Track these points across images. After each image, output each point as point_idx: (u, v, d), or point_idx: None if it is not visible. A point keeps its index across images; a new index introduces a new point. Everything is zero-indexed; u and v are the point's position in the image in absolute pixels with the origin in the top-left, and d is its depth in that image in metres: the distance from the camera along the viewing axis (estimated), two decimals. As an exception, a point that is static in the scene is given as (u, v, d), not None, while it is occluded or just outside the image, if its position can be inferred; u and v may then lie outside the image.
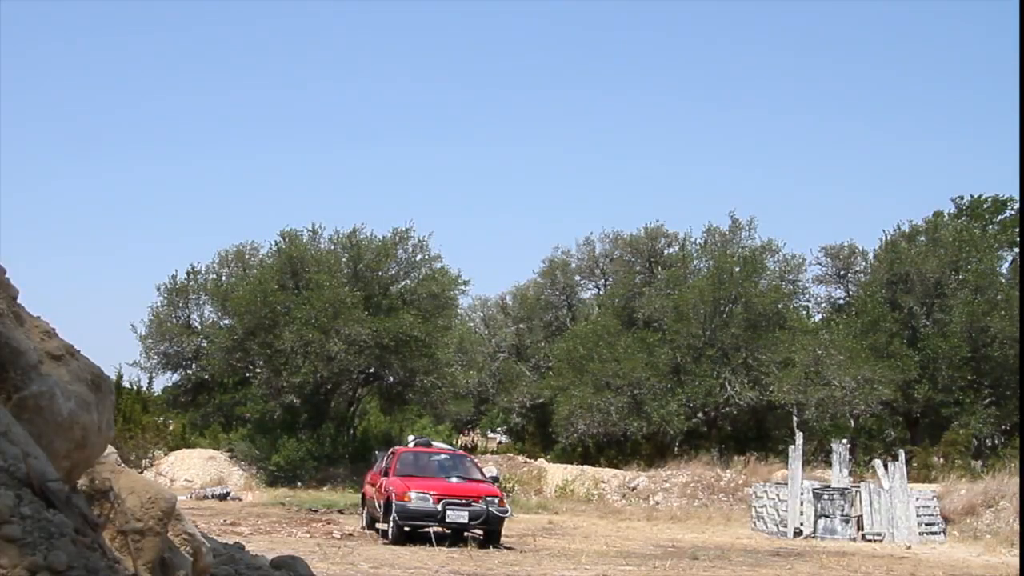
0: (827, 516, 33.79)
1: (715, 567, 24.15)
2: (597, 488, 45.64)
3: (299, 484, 46.00)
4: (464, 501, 27.44)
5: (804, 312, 58.41)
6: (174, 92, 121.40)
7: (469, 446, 62.24)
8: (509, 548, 26.39)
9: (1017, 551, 29.59)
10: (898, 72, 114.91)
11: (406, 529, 27.21)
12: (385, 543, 26.59)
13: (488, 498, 27.62)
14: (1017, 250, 55.86)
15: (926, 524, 33.59)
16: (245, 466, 48.87)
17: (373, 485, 30.43)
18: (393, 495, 27.39)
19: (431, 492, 27.37)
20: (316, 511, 37.18)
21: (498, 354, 67.49)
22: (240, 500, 42.08)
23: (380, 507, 28.47)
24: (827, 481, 36.86)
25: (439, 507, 26.92)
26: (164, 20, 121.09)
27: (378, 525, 28.89)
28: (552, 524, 35.45)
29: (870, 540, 32.82)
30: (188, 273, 55.24)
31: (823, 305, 60.33)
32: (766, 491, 36.49)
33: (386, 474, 29.37)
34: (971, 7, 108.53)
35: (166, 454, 49.23)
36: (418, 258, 52.04)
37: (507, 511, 28.29)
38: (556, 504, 42.69)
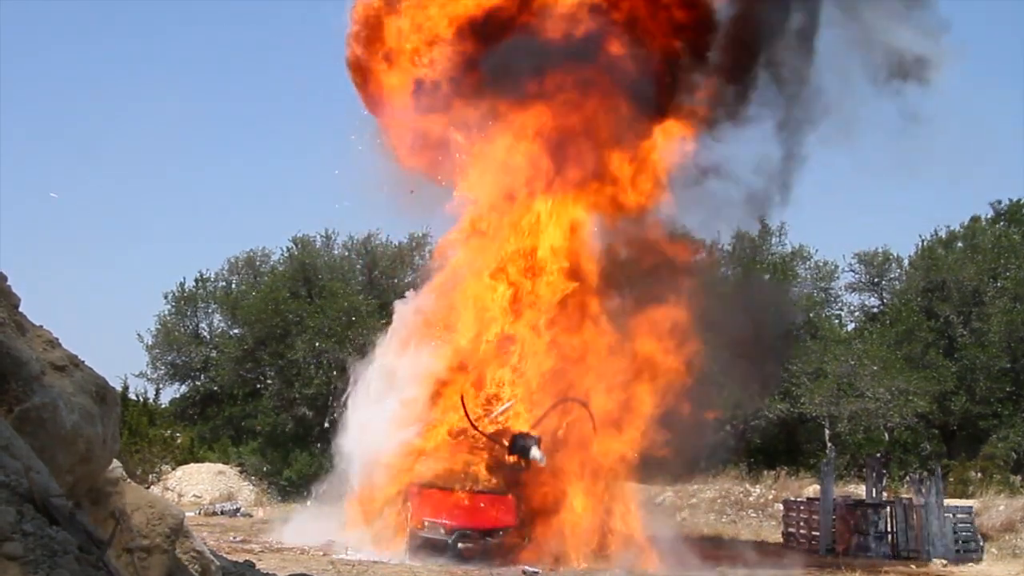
0: (860, 532, 32.82)
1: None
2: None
3: (314, 500, 44.84)
4: (477, 533, 27.76)
5: (836, 321, 57.37)
6: (181, 95, 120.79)
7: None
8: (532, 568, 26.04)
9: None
10: (932, 72, 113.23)
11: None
12: (400, 560, 26.38)
13: (502, 530, 27.94)
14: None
15: (963, 541, 32.71)
16: (256, 481, 48.43)
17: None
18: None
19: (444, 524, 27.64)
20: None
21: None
22: (251, 516, 41.08)
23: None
24: (860, 496, 35.97)
25: (450, 539, 27.27)
26: (172, 21, 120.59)
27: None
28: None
29: (905, 557, 31.73)
30: (196, 280, 55.27)
31: (856, 314, 59.53)
32: (797, 507, 35.72)
33: None
34: (1008, 7, 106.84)
35: (174, 468, 48.43)
36: (436, 265, 50.97)
37: (525, 539, 28.25)
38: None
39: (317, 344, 47.62)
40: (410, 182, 34.33)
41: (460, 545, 27.06)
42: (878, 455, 37.13)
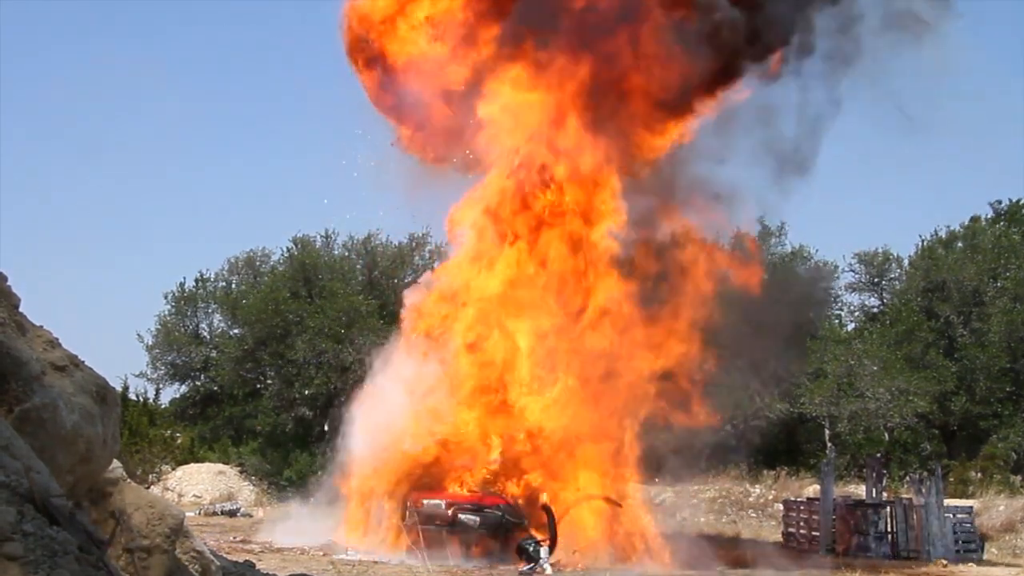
0: (860, 532, 32.58)
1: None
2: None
3: (312, 500, 44.86)
4: (475, 506, 27.92)
5: (837, 321, 57.04)
6: (180, 95, 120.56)
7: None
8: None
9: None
10: (933, 72, 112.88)
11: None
12: (400, 560, 25.93)
13: (502, 505, 28.06)
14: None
15: (963, 541, 32.42)
16: (256, 481, 48.27)
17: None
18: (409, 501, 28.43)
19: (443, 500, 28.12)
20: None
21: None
22: (251, 516, 40.98)
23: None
24: (860, 496, 35.76)
25: (450, 512, 27.55)
26: (170, 22, 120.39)
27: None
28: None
29: (905, 557, 31.56)
30: (196, 280, 55.37)
31: (856, 314, 59.31)
32: (797, 507, 35.46)
33: None
34: (1006, 8, 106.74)
35: (174, 469, 48.31)
36: (436, 265, 50.97)
37: (523, 520, 28.11)
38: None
39: (317, 344, 47.52)
40: (429, 174, 34.20)
41: (461, 516, 27.25)
42: (878, 455, 36.94)
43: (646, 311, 30.74)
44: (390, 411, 30.59)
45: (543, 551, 26.12)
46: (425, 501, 27.90)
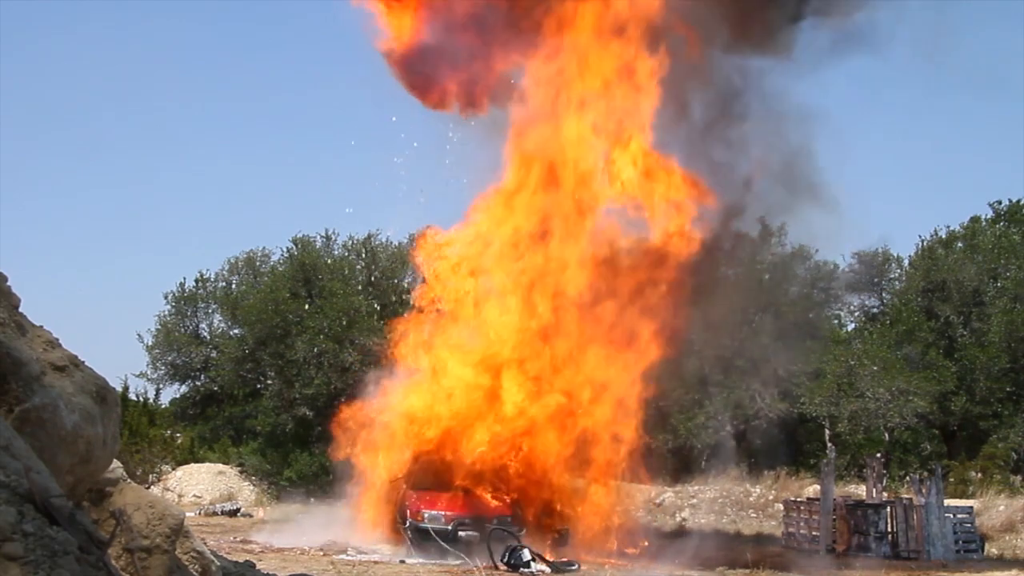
0: (860, 533, 32.63)
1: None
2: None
3: (312, 500, 44.86)
4: (475, 520, 27.76)
5: (836, 321, 56.80)
6: (181, 95, 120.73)
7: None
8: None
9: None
10: (933, 72, 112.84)
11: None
12: (401, 561, 26.21)
13: (502, 517, 27.96)
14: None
15: (963, 541, 32.40)
16: (256, 481, 48.29)
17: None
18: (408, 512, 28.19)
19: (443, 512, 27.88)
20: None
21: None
22: (251, 516, 40.99)
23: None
24: (860, 496, 35.98)
25: (450, 527, 27.35)
26: (170, 21, 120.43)
27: None
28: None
29: (905, 557, 31.57)
30: (196, 281, 55.46)
31: (856, 314, 58.82)
32: (797, 507, 35.32)
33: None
34: (1008, 9, 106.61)
35: (174, 469, 48.41)
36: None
37: (522, 530, 28.08)
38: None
39: (317, 344, 47.47)
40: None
41: (461, 533, 27.12)
42: (878, 455, 36.97)
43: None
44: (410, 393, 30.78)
45: (526, 553, 26.18)
46: (426, 513, 27.75)
